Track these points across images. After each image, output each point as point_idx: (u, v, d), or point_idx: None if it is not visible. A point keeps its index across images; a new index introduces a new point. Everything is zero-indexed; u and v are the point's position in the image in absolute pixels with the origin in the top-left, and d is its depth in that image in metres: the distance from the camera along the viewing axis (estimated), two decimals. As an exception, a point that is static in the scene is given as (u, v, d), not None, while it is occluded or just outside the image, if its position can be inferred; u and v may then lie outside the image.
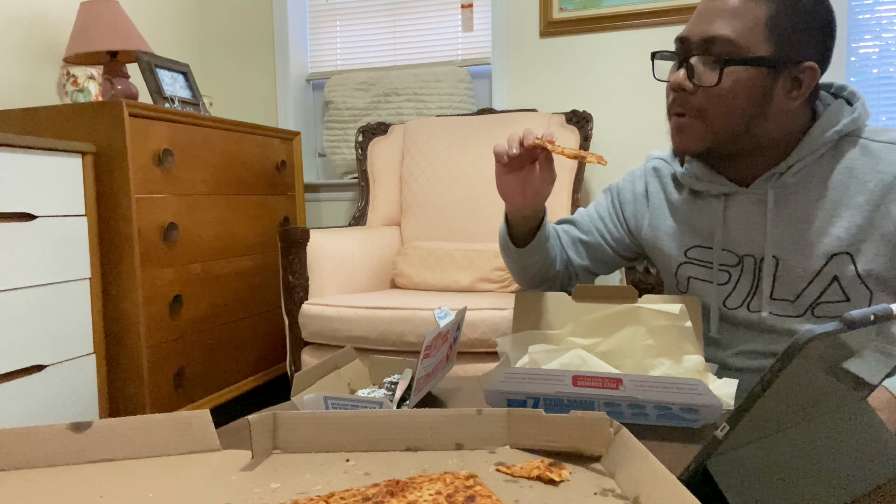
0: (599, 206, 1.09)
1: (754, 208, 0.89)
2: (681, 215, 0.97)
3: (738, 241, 0.91)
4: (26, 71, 2.21)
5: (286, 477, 0.54)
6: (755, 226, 0.89)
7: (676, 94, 0.85)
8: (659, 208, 1.00)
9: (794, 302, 0.88)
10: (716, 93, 0.81)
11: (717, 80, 0.80)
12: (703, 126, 0.84)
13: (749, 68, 0.80)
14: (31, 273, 1.58)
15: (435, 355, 0.76)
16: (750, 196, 0.89)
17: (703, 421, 0.68)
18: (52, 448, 0.58)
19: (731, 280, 0.93)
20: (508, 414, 0.60)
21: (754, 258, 0.90)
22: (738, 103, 0.81)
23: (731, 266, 0.93)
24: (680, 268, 0.98)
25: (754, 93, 0.81)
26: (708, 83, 0.81)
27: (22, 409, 1.56)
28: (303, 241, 2.05)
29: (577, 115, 2.40)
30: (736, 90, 0.81)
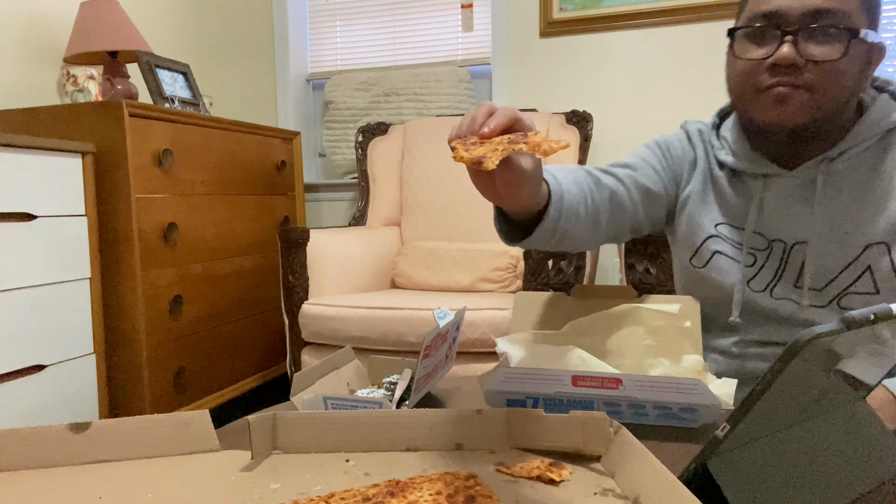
0: (648, 156, 0.99)
1: (796, 192, 0.87)
2: (718, 188, 0.94)
3: (771, 224, 0.89)
4: (26, 71, 2.21)
5: (286, 477, 0.54)
6: (793, 210, 0.87)
7: (778, 69, 0.80)
8: (703, 172, 0.96)
9: (821, 291, 0.87)
10: (833, 67, 0.78)
11: (843, 52, 0.78)
12: (811, 99, 0.80)
13: (857, 41, 0.78)
14: (31, 273, 1.58)
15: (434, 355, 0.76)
16: (793, 180, 0.87)
17: (703, 421, 0.68)
18: (51, 449, 0.58)
19: (756, 264, 0.91)
20: (508, 414, 0.60)
21: (784, 244, 0.88)
22: (850, 78, 0.80)
23: (758, 250, 0.90)
24: (708, 240, 0.95)
25: (861, 68, 0.80)
26: (826, 57, 0.78)
27: (22, 409, 1.56)
28: (303, 241, 2.05)
29: (577, 115, 2.40)
30: (852, 64, 0.79)
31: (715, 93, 2.42)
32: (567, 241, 0.85)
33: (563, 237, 0.83)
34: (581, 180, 0.86)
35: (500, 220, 0.80)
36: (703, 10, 2.41)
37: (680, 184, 0.98)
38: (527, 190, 0.67)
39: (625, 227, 0.94)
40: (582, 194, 0.85)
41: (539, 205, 0.75)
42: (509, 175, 0.64)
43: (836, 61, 0.78)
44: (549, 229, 0.79)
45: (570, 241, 0.85)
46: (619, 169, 0.95)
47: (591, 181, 0.89)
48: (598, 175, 0.91)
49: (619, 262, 2.00)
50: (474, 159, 0.56)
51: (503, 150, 0.56)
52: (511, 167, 0.63)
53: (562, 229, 0.81)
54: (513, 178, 0.64)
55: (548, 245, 0.84)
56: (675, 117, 2.47)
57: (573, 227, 0.83)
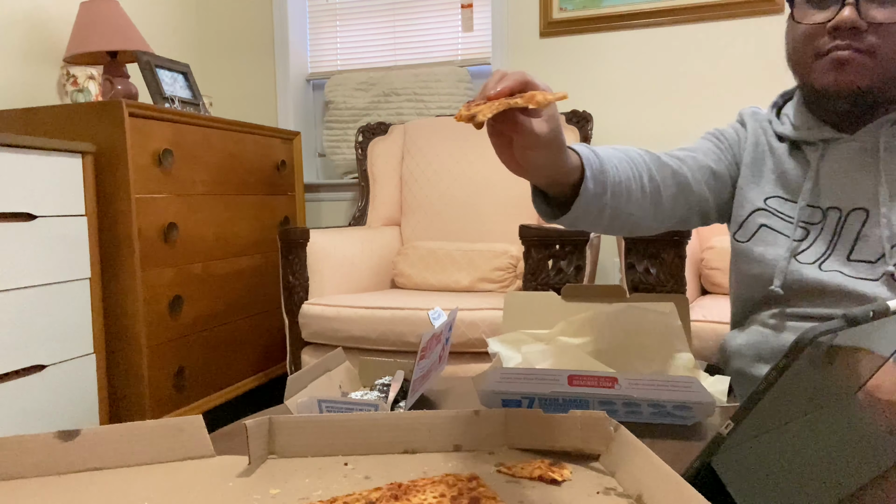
0: (703, 143, 0.98)
1: (855, 157, 0.85)
2: (776, 160, 0.92)
3: (827, 192, 0.87)
4: (26, 71, 2.21)
5: (285, 482, 0.54)
6: (851, 176, 0.85)
7: (839, 33, 0.79)
8: (756, 146, 0.95)
9: (875, 263, 0.83)
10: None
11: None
12: (873, 63, 0.79)
13: None
14: (31, 273, 1.58)
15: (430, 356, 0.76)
16: (853, 144, 0.85)
17: (696, 418, 0.68)
18: (39, 457, 0.56)
19: (809, 237, 0.88)
20: (506, 414, 0.60)
21: (840, 211, 0.86)
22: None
23: (811, 223, 0.88)
24: (754, 213, 0.92)
25: None
26: (890, 19, 0.77)
27: (22, 410, 1.56)
28: (303, 241, 2.05)
29: (577, 115, 2.40)
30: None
31: (715, 92, 2.42)
32: (621, 220, 0.81)
33: (616, 216, 0.79)
34: (636, 157, 0.84)
35: (538, 197, 0.77)
36: (704, 10, 2.41)
37: (738, 164, 0.97)
38: (544, 156, 0.64)
39: (692, 210, 0.92)
40: (635, 170, 0.82)
41: (569, 176, 0.71)
42: (523, 139, 0.61)
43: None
44: (594, 205, 0.75)
45: (626, 220, 0.82)
46: (681, 151, 0.94)
47: (649, 158, 0.86)
48: (659, 154, 0.89)
49: (619, 262, 2.00)
50: (470, 115, 0.55)
51: (499, 104, 0.56)
52: (522, 130, 0.60)
53: (611, 206, 0.77)
54: (528, 142, 0.61)
55: (598, 225, 0.80)
56: (675, 117, 2.47)
57: (626, 204, 0.80)
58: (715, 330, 1.55)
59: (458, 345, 1.76)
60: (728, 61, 2.40)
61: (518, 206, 2.34)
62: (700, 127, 2.40)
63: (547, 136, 0.62)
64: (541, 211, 0.78)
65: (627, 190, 0.79)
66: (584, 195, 0.73)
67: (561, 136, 0.65)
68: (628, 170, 0.80)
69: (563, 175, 0.70)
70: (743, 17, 2.37)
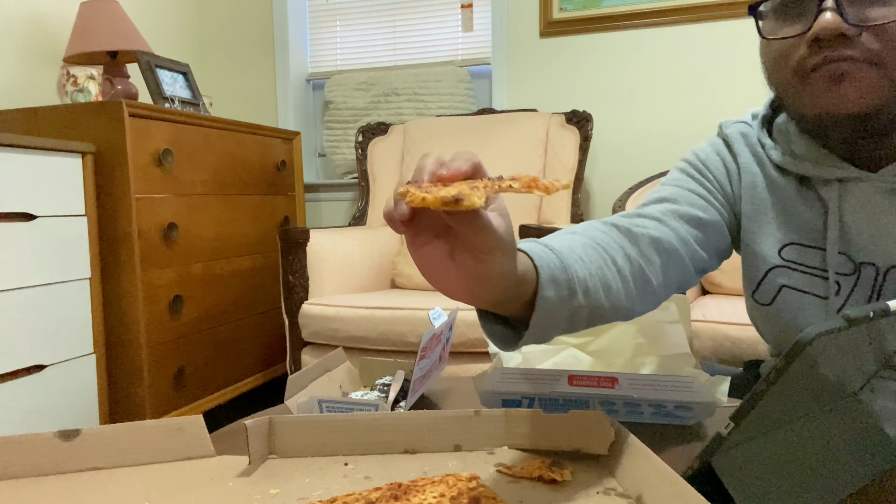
0: (683, 182, 0.79)
1: (883, 201, 0.68)
2: (782, 199, 0.74)
3: (857, 243, 0.70)
4: (26, 71, 2.21)
5: (285, 482, 0.54)
6: (883, 225, 0.68)
7: (826, 42, 0.62)
8: (753, 187, 0.76)
9: None
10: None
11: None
12: (876, 73, 0.61)
13: None
14: (31, 273, 1.58)
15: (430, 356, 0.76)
16: (877, 184, 0.68)
17: (697, 418, 0.68)
18: (40, 457, 0.56)
19: (841, 293, 0.71)
20: (506, 414, 0.60)
21: (876, 268, 0.69)
22: None
23: (842, 275, 0.71)
24: (771, 272, 0.75)
25: None
26: (887, 17, 0.60)
27: (22, 409, 1.56)
28: (303, 241, 2.05)
29: (577, 115, 2.40)
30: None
31: (715, 93, 2.42)
32: (605, 316, 0.63)
33: (597, 315, 0.62)
34: (602, 239, 0.66)
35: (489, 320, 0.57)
36: (703, 10, 2.41)
37: (733, 203, 0.79)
38: (501, 262, 0.46)
39: (688, 273, 0.73)
40: (606, 255, 0.64)
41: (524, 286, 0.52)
42: (482, 239, 0.44)
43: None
44: (562, 312, 0.56)
45: (613, 314, 0.64)
46: (654, 206, 0.75)
47: (616, 235, 0.68)
48: (628, 225, 0.70)
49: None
50: (448, 198, 0.39)
51: (485, 186, 0.41)
52: (483, 228, 0.43)
53: (587, 307, 0.59)
54: (487, 244, 0.44)
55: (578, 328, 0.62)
56: (675, 117, 2.47)
57: (606, 299, 0.61)
58: (714, 330, 1.55)
59: (458, 345, 1.76)
60: (728, 61, 2.40)
61: (518, 206, 2.34)
62: (700, 127, 2.40)
63: (504, 234, 0.46)
64: (496, 337, 0.57)
65: (603, 282, 0.61)
66: (544, 305, 0.54)
67: (514, 240, 0.48)
68: (597, 257, 0.63)
69: (516, 285, 0.51)
70: (743, 17, 2.37)
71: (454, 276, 0.46)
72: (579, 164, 2.35)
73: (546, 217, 2.34)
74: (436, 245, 0.46)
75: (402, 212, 0.43)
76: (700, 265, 0.75)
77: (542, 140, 2.39)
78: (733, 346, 1.52)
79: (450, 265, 0.46)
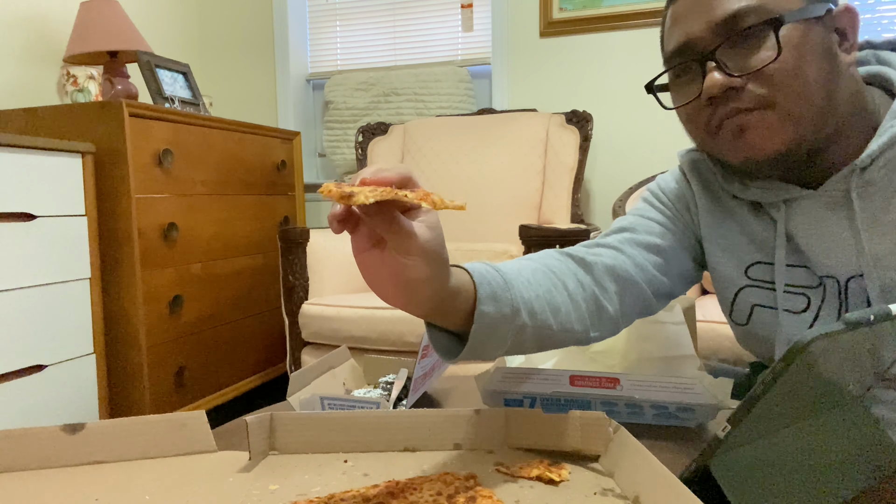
0: (645, 211, 0.82)
1: (828, 216, 0.69)
2: (739, 222, 0.77)
3: (815, 258, 0.71)
4: (26, 71, 2.21)
5: (284, 478, 0.54)
6: (834, 238, 0.69)
7: (719, 99, 0.66)
8: (710, 213, 0.79)
9: None
10: (779, 68, 0.63)
11: (777, 48, 0.62)
12: (773, 114, 0.64)
13: (798, 25, 0.63)
14: (31, 273, 1.58)
15: (431, 355, 0.76)
16: (821, 200, 0.69)
17: (699, 420, 0.68)
18: (45, 450, 0.57)
19: (812, 306, 0.72)
20: (506, 414, 0.60)
21: (836, 280, 0.70)
22: (809, 68, 0.63)
23: (809, 287, 0.72)
24: (741, 293, 0.77)
25: (817, 49, 0.63)
26: (763, 61, 0.63)
27: (22, 409, 1.56)
28: (303, 241, 2.05)
29: (577, 115, 2.40)
30: (801, 53, 0.63)
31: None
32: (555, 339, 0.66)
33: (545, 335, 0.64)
34: (555, 265, 0.70)
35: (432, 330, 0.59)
36: (704, 10, 2.40)
37: (696, 227, 0.81)
38: (423, 269, 0.49)
39: (648, 300, 0.76)
40: (557, 280, 0.68)
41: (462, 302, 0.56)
42: (399, 241, 0.48)
43: (776, 61, 0.62)
44: (504, 330, 0.59)
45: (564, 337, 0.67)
46: (612, 236, 0.79)
47: (570, 264, 0.72)
48: (583, 255, 0.73)
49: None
50: (343, 193, 0.43)
51: (382, 192, 0.44)
52: (400, 230, 0.47)
53: (532, 327, 0.62)
54: (404, 246, 0.48)
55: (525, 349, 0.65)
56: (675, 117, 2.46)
57: (555, 320, 0.64)
58: (715, 330, 1.55)
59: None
60: (728, 61, 2.39)
61: (518, 206, 2.35)
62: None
63: (428, 243, 0.49)
64: (438, 347, 0.59)
65: (552, 305, 0.64)
66: (483, 320, 0.56)
67: (444, 252, 0.51)
68: (547, 281, 0.66)
69: (451, 299, 0.54)
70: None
71: (386, 281, 0.50)
72: (579, 164, 2.35)
73: (546, 217, 2.34)
74: (372, 252, 0.50)
75: (335, 212, 0.48)
76: (662, 290, 0.77)
77: (542, 140, 2.39)
78: (733, 346, 1.52)
79: (383, 270, 0.50)
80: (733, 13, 0.64)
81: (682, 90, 0.71)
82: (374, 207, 0.46)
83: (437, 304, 0.53)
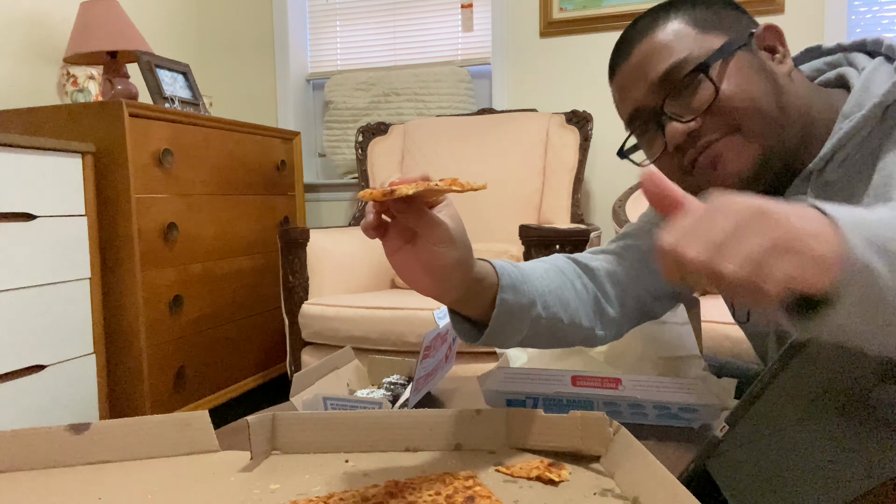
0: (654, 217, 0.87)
1: None
2: None
3: None
4: (26, 71, 2.21)
5: (285, 478, 0.54)
6: None
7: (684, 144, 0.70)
8: None
9: None
10: (725, 97, 0.68)
11: (715, 85, 0.68)
12: (742, 137, 0.68)
13: (724, 61, 0.68)
14: (31, 273, 1.58)
15: (434, 356, 0.76)
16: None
17: (702, 420, 0.68)
18: (50, 450, 0.58)
19: None
20: (507, 414, 0.60)
21: None
22: (751, 88, 0.68)
23: None
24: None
25: (751, 71, 0.69)
26: (707, 100, 0.68)
27: (22, 409, 1.56)
28: (303, 241, 2.05)
29: (577, 115, 2.40)
30: (738, 80, 0.68)
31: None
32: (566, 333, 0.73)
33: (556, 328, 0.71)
34: (564, 266, 0.77)
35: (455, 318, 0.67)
36: (703, 10, 2.41)
37: None
38: (453, 255, 0.56)
39: (648, 305, 0.82)
40: (563, 280, 0.74)
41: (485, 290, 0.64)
42: (431, 231, 0.54)
43: (720, 95, 0.67)
44: (520, 318, 0.66)
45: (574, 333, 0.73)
46: (615, 243, 0.85)
47: (575, 267, 0.78)
48: (586, 261, 0.80)
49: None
50: (386, 190, 0.49)
51: (417, 185, 0.50)
52: (430, 222, 0.54)
53: (546, 318, 0.69)
54: (437, 236, 0.55)
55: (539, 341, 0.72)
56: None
57: (564, 314, 0.71)
58: (715, 330, 1.55)
59: (462, 344, 1.76)
60: (728, 61, 2.40)
61: (518, 206, 2.35)
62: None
63: (454, 230, 0.56)
64: (461, 332, 0.68)
65: (562, 300, 0.71)
66: (503, 307, 0.64)
67: (468, 239, 0.59)
68: (558, 279, 0.73)
69: (476, 286, 0.62)
70: (743, 17, 2.37)
71: (420, 272, 0.57)
72: (579, 164, 2.35)
73: (546, 217, 2.34)
74: (405, 249, 0.57)
75: (368, 221, 0.55)
76: (663, 294, 0.83)
77: (542, 140, 2.39)
78: (733, 346, 1.52)
79: (416, 263, 0.57)
80: (665, 72, 0.70)
81: (650, 147, 0.77)
82: (406, 205, 0.53)
83: (465, 290, 0.61)
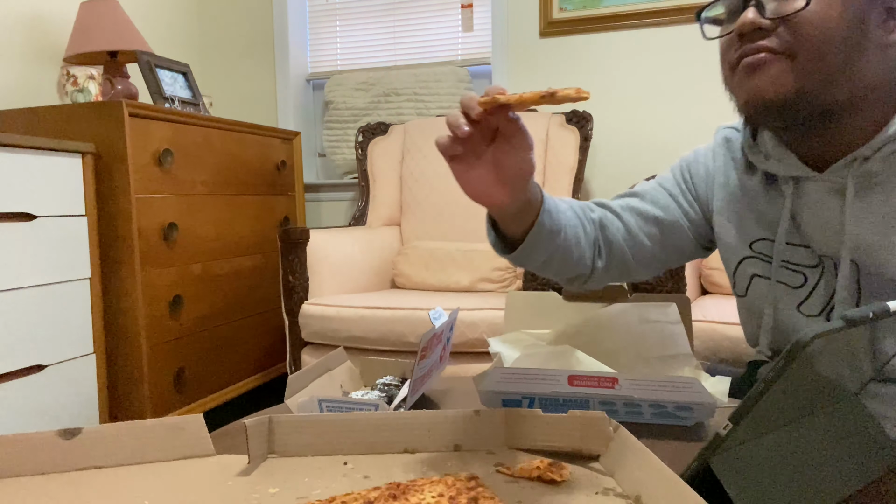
0: (666, 181, 0.88)
1: (829, 200, 0.73)
2: (750, 198, 0.80)
3: (815, 238, 0.75)
4: (26, 71, 2.21)
5: (284, 481, 0.54)
6: (830, 222, 0.73)
7: (745, 38, 0.68)
8: (725, 187, 0.83)
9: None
10: (806, 19, 0.64)
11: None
12: (789, 63, 0.66)
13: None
14: (31, 273, 1.58)
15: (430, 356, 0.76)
16: (824, 184, 0.73)
17: (697, 419, 0.68)
18: (41, 455, 0.56)
19: (808, 283, 0.77)
20: (506, 414, 0.60)
21: (833, 261, 0.74)
22: (832, 29, 0.64)
23: (807, 267, 0.76)
24: (742, 263, 0.82)
25: (848, 15, 0.65)
26: (793, 9, 0.65)
27: (22, 410, 1.56)
28: (303, 241, 2.05)
29: (577, 115, 2.40)
30: (829, 12, 0.64)
31: (715, 92, 2.41)
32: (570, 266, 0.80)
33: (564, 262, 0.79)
34: (578, 209, 0.83)
35: (493, 231, 0.77)
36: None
37: (709, 201, 0.86)
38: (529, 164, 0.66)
39: (627, 264, 0.85)
40: (577, 219, 0.81)
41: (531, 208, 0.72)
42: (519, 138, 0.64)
43: (802, 11, 0.64)
44: (546, 244, 0.75)
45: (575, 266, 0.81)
46: (621, 199, 0.87)
47: (584, 214, 0.84)
48: (592, 208, 0.86)
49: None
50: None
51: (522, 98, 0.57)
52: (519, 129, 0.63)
53: (563, 249, 0.77)
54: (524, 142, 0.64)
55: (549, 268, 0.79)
56: (675, 117, 2.46)
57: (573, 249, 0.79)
58: (715, 330, 1.55)
59: (458, 345, 1.76)
60: (728, 61, 2.39)
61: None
62: (699, 126, 2.40)
63: (524, 146, 0.65)
64: (497, 245, 0.78)
65: (575, 237, 0.79)
66: (541, 227, 0.73)
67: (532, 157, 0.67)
68: (574, 218, 0.81)
69: (527, 205, 0.72)
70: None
71: (493, 181, 0.66)
72: (579, 164, 2.35)
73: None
74: (485, 158, 0.65)
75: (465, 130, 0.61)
76: (648, 258, 0.86)
77: (542, 140, 2.39)
78: (733, 346, 1.52)
79: (492, 173, 0.65)
80: None
81: (722, 25, 0.75)
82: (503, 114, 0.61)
83: (523, 204, 0.71)
